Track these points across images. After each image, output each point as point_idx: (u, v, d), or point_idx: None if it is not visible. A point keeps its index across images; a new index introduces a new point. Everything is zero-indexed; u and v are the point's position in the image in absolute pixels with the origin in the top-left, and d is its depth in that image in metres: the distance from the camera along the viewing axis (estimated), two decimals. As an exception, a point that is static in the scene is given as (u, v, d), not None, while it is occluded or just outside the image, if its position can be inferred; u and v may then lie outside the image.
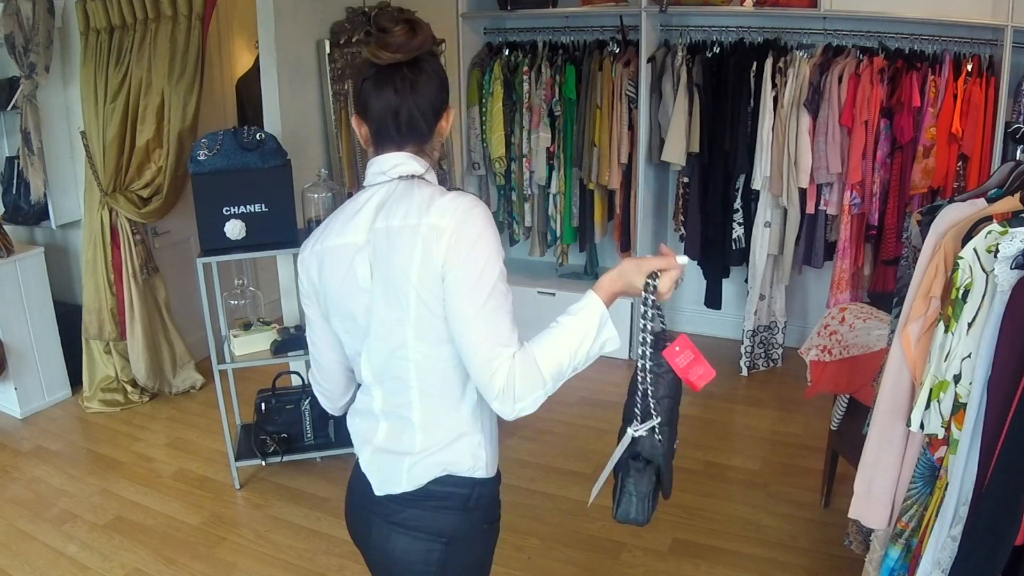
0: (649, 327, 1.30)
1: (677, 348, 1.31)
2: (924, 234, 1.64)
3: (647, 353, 1.30)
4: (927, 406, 1.57)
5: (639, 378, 1.32)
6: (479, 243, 1.21)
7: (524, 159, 4.28)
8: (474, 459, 1.34)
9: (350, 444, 1.44)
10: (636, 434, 1.33)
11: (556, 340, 1.22)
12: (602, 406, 3.69)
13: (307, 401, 3.17)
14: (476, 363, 1.21)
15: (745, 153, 3.76)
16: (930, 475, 1.65)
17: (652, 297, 1.27)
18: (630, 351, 4.26)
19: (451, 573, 1.36)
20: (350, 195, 3.85)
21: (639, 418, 1.32)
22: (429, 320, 1.24)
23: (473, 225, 1.22)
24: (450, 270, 1.21)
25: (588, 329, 1.23)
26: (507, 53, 4.23)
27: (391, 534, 1.35)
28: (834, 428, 2.72)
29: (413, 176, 1.31)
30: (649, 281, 1.26)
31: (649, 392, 1.31)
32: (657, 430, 1.33)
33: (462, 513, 1.35)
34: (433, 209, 1.23)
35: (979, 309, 1.49)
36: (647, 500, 1.42)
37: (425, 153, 1.34)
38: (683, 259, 1.29)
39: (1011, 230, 1.43)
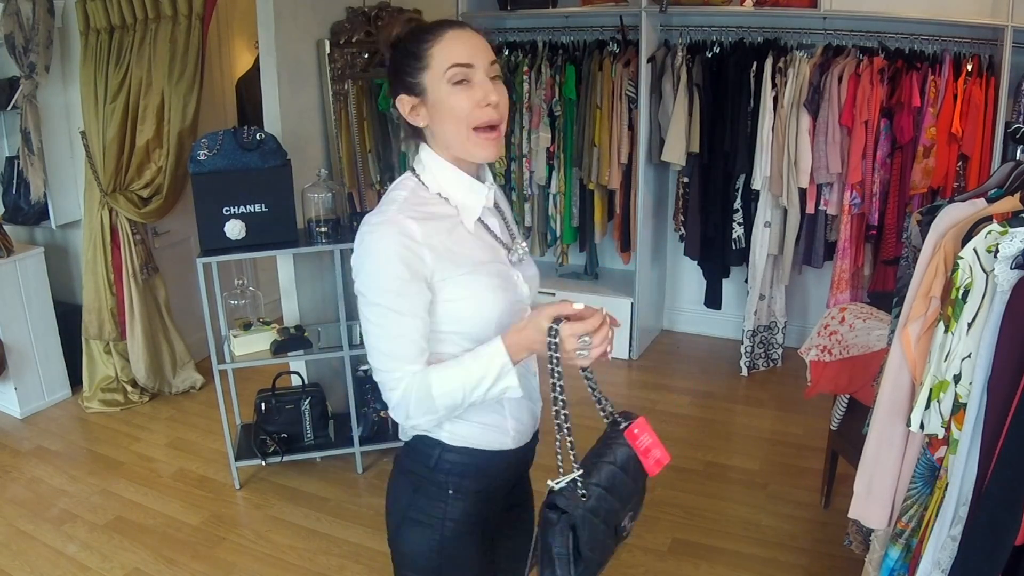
0: (600, 398, 1.30)
1: (636, 431, 1.31)
2: (924, 234, 1.64)
3: (560, 402, 1.22)
4: (927, 406, 1.57)
5: (555, 426, 1.24)
6: (364, 266, 1.27)
7: (524, 159, 4.28)
8: (440, 428, 1.38)
9: (350, 444, 1.48)
10: (556, 487, 1.24)
11: (454, 375, 1.26)
12: (602, 406, 3.69)
13: (307, 401, 3.18)
14: (378, 372, 1.30)
15: (745, 153, 3.77)
16: (930, 475, 1.65)
17: (555, 341, 1.18)
18: (630, 351, 4.27)
19: (413, 522, 1.41)
20: (350, 195, 3.82)
21: (560, 470, 1.25)
22: None
23: (361, 249, 1.28)
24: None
25: (486, 375, 1.24)
26: (507, 53, 4.23)
27: (392, 474, 1.50)
28: (834, 428, 2.72)
29: (412, 170, 1.38)
30: (553, 326, 1.19)
31: (569, 444, 1.24)
32: (580, 484, 1.23)
33: (428, 471, 1.40)
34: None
35: (979, 309, 1.49)
36: (568, 565, 1.21)
37: (432, 144, 1.36)
38: (579, 305, 1.20)
39: (1011, 230, 1.43)
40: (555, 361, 1.20)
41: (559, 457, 1.25)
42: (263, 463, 3.14)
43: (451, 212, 1.34)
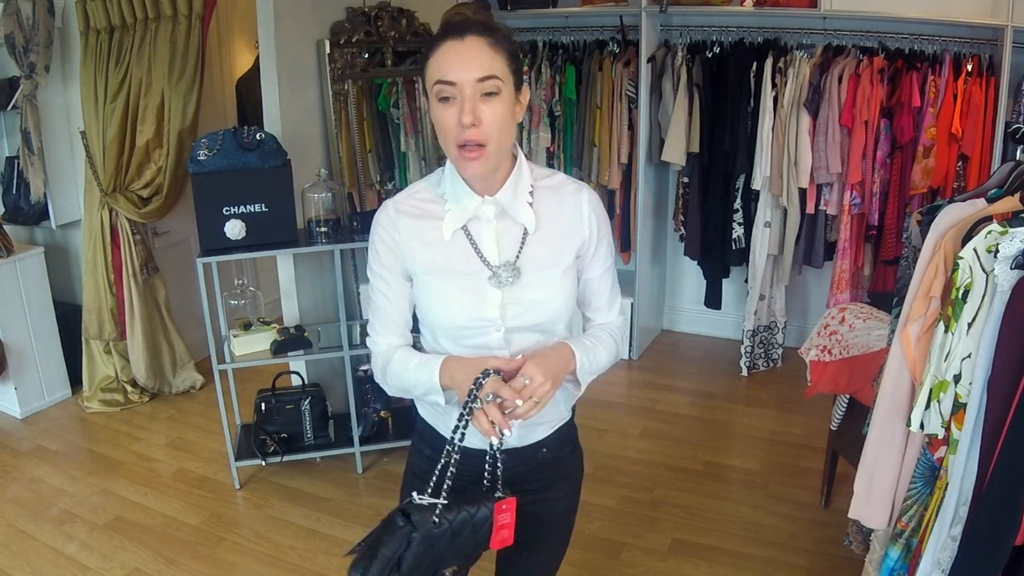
0: (495, 448, 1.34)
1: (504, 507, 1.34)
2: (924, 234, 1.64)
3: (460, 435, 1.29)
4: (927, 406, 1.57)
5: (447, 450, 1.31)
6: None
7: (524, 159, 4.28)
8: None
9: (350, 444, 1.50)
10: (417, 500, 1.29)
11: (402, 369, 1.39)
12: (602, 406, 3.69)
13: (307, 401, 3.18)
14: (367, 331, 1.49)
15: (745, 153, 3.76)
16: (930, 475, 1.65)
17: (476, 393, 1.25)
18: (630, 352, 4.27)
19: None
20: (350, 195, 3.82)
21: (431, 489, 1.30)
22: None
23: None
24: None
25: (419, 383, 1.37)
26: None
27: None
28: (834, 428, 2.72)
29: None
30: (479, 377, 1.26)
31: (450, 473, 1.29)
32: (439, 511, 1.28)
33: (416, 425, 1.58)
34: None
35: (979, 309, 1.49)
36: (385, 571, 1.26)
37: None
38: (525, 380, 1.27)
39: (1011, 230, 1.43)
40: (467, 408, 1.27)
41: (435, 478, 1.30)
42: (263, 463, 3.13)
43: (441, 215, 1.38)
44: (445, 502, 1.28)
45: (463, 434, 1.29)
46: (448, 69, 1.25)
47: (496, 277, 1.36)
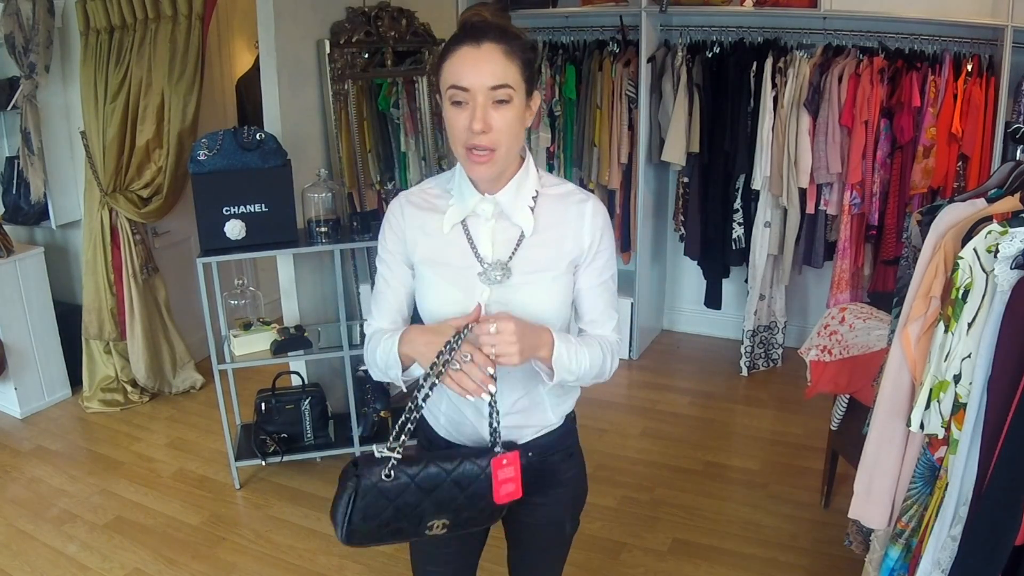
0: (495, 424, 1.36)
1: (505, 461, 1.36)
2: (924, 234, 1.64)
3: (424, 396, 1.31)
4: (927, 406, 1.57)
5: (408, 407, 1.33)
6: None
7: (524, 159, 4.28)
8: None
9: (350, 444, 1.50)
10: (376, 453, 1.33)
11: (379, 346, 1.41)
12: (602, 406, 3.69)
13: (307, 401, 3.18)
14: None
15: (745, 153, 3.77)
16: (930, 475, 1.65)
17: (448, 356, 1.27)
18: (630, 352, 4.27)
19: None
20: (350, 195, 3.82)
21: (392, 438, 1.32)
22: None
23: None
24: None
25: (385, 356, 1.39)
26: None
27: None
28: (834, 428, 2.72)
29: None
30: (451, 341, 1.28)
31: (409, 428, 1.32)
32: (391, 468, 1.32)
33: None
34: None
35: (979, 309, 1.49)
36: (339, 515, 1.34)
37: None
38: (492, 328, 1.27)
39: (1011, 230, 1.43)
40: (434, 369, 1.28)
41: (394, 430, 1.32)
42: (263, 463, 3.13)
43: (445, 209, 1.42)
44: (398, 456, 1.32)
45: (427, 394, 1.30)
46: (462, 75, 1.27)
47: (486, 274, 1.37)
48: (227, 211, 2.86)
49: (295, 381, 3.34)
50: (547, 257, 1.40)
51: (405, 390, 1.46)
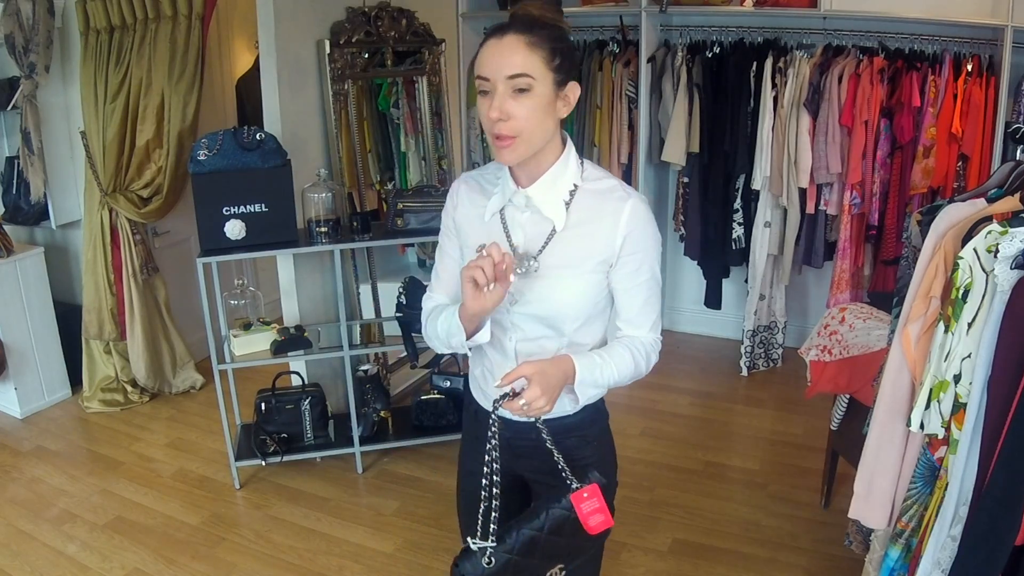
0: (559, 460, 1.38)
1: (586, 495, 1.36)
2: (924, 234, 1.64)
3: (492, 475, 1.34)
4: (927, 406, 1.57)
5: (482, 495, 1.35)
6: None
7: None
8: None
9: (350, 444, 1.50)
10: (473, 546, 1.33)
11: (439, 316, 1.48)
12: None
13: (307, 401, 3.18)
14: None
15: (745, 153, 3.76)
16: (930, 475, 1.65)
17: (499, 404, 1.33)
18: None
19: None
20: (350, 195, 3.81)
21: (479, 533, 1.34)
22: None
23: None
24: None
25: (448, 325, 1.44)
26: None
27: None
28: (834, 428, 2.72)
29: None
30: (497, 401, 1.34)
31: (494, 516, 1.33)
32: (489, 555, 1.31)
33: None
34: None
35: (979, 309, 1.49)
36: None
37: None
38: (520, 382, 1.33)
39: (1011, 230, 1.43)
40: (492, 435, 1.34)
41: (480, 522, 1.34)
42: (263, 463, 3.13)
43: (491, 195, 1.48)
44: (494, 543, 1.32)
45: (497, 458, 1.35)
46: (484, 65, 1.33)
47: (519, 268, 1.42)
48: (227, 211, 2.86)
49: (295, 381, 3.34)
50: (575, 254, 1.42)
51: (470, 352, 1.50)
